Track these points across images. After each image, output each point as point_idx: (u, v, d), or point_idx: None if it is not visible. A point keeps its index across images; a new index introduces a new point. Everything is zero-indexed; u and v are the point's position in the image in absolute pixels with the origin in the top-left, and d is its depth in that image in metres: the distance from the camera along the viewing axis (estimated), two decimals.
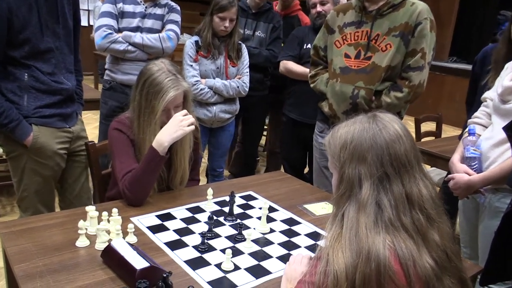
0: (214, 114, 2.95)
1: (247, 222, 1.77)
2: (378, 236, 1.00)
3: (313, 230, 1.75)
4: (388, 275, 0.97)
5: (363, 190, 1.03)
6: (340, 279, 0.98)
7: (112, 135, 1.89)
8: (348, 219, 1.03)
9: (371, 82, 2.22)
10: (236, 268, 1.44)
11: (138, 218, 1.72)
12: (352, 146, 1.06)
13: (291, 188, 2.17)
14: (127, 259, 1.33)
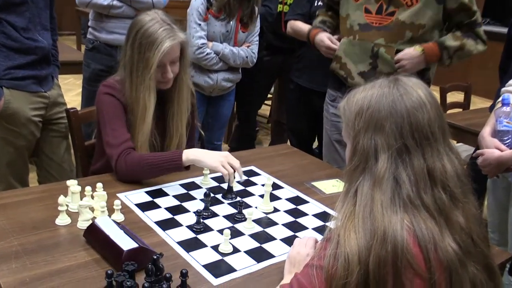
0: (216, 82, 2.93)
1: (248, 200, 1.76)
2: (395, 215, 0.99)
3: (322, 210, 1.75)
4: (406, 258, 0.96)
5: (379, 163, 1.02)
6: (351, 262, 0.97)
7: (102, 100, 1.87)
8: (362, 196, 1.02)
9: (393, 40, 2.19)
10: (235, 250, 1.45)
11: (126, 194, 1.71)
12: (368, 113, 1.05)
13: (298, 163, 2.16)
14: (113, 239, 1.33)
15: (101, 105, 1.87)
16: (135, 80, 1.81)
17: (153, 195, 1.73)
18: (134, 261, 1.23)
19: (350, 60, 2.31)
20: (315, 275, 1.03)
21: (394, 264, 0.96)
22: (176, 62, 1.86)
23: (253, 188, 1.87)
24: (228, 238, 1.44)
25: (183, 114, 1.93)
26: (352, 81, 2.31)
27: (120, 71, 1.90)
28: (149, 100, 1.81)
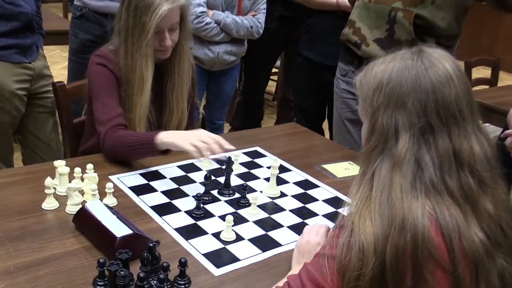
0: (216, 55, 2.91)
1: (252, 184, 1.76)
2: (416, 201, 0.98)
3: (333, 195, 1.74)
4: (427, 249, 0.96)
5: (399, 143, 1.01)
6: (366, 252, 0.97)
7: (94, 71, 1.86)
8: (380, 179, 1.01)
9: (412, 3, 2.16)
10: (238, 238, 1.45)
11: (119, 177, 1.71)
12: (389, 88, 1.03)
13: (307, 144, 2.16)
14: (105, 225, 1.33)
15: (92, 77, 1.86)
16: (130, 47, 1.80)
17: (148, 177, 1.73)
18: (128, 249, 1.23)
19: (364, 25, 2.28)
20: (326, 265, 1.02)
21: (413, 255, 0.96)
22: (175, 30, 1.84)
23: (258, 170, 1.87)
24: (231, 225, 1.44)
25: (184, 87, 1.92)
26: (366, 48, 2.28)
27: (114, 39, 1.88)
28: (146, 69, 1.80)
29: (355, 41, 2.32)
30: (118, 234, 1.30)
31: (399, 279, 0.97)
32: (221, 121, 3.31)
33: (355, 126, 2.56)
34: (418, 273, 0.97)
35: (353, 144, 2.55)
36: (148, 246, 1.23)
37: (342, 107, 2.57)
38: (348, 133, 2.58)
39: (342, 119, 2.58)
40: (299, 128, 2.36)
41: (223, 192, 1.68)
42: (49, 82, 2.27)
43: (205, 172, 1.79)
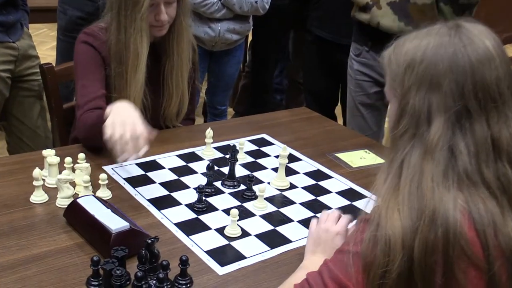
0: (218, 33, 2.89)
1: (259, 174, 1.76)
2: (448, 193, 0.97)
3: (347, 186, 1.74)
4: (459, 245, 0.95)
5: (432, 128, 1.00)
6: (393, 247, 0.96)
7: (78, 50, 1.86)
8: (409, 168, 1.00)
9: None
10: (244, 234, 1.45)
11: (113, 167, 1.71)
12: (422, 67, 1.01)
13: (319, 130, 2.15)
14: (99, 220, 1.33)
15: (76, 57, 1.87)
16: (123, 20, 1.79)
17: (145, 168, 1.73)
18: (125, 245, 1.23)
19: None
20: (351, 263, 1.02)
21: (444, 251, 0.95)
22: (172, 3, 1.83)
23: (265, 160, 1.86)
24: (236, 219, 1.44)
25: (184, 67, 1.92)
26: (377, 11, 2.26)
27: (106, 14, 1.87)
28: (141, 45, 1.79)
29: (367, 2, 2.30)
30: (113, 229, 1.30)
31: (428, 277, 0.97)
32: (224, 106, 3.31)
33: (369, 110, 2.55)
34: (449, 271, 0.96)
35: (368, 130, 2.55)
36: (146, 243, 1.23)
37: (355, 90, 2.56)
38: (362, 118, 2.57)
39: (355, 103, 2.57)
40: (311, 113, 2.35)
41: (227, 184, 1.68)
42: (35, 63, 2.27)
43: (207, 161, 1.79)
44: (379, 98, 2.53)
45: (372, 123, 2.58)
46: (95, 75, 1.82)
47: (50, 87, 2.07)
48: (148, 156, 1.79)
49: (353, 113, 2.62)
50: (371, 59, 2.44)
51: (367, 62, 2.46)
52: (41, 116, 2.36)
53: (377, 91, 2.49)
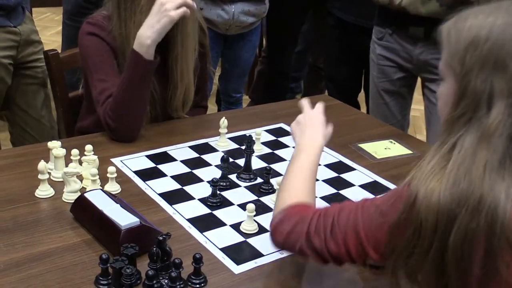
0: (232, 16, 2.88)
1: (277, 166, 1.76)
2: (501, 182, 0.97)
3: (371, 179, 1.74)
4: (506, 237, 0.95)
5: (492, 113, 0.98)
6: (424, 229, 0.97)
7: (85, 44, 1.87)
8: (461, 151, 0.99)
9: None
10: (261, 230, 1.45)
11: (122, 160, 1.72)
12: (487, 46, 1.00)
13: (341, 119, 2.14)
14: (108, 215, 1.34)
15: (85, 50, 1.87)
16: (123, 14, 1.80)
17: (156, 160, 1.74)
18: (135, 243, 1.23)
19: None
20: (379, 224, 1.06)
21: (487, 242, 0.95)
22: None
23: (283, 151, 1.86)
24: (253, 214, 1.44)
25: (189, 55, 1.91)
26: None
27: (107, 3, 1.88)
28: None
29: None
30: (122, 225, 1.30)
31: (464, 267, 0.97)
32: (239, 94, 3.30)
33: (394, 98, 2.54)
34: (491, 262, 0.96)
35: (392, 119, 2.54)
36: (157, 240, 1.23)
37: (378, 76, 2.55)
38: (386, 106, 2.56)
39: (378, 90, 2.56)
40: (332, 101, 2.34)
41: (243, 177, 1.68)
42: (38, 49, 2.28)
43: (222, 153, 1.79)
44: (403, 85, 2.52)
45: (396, 111, 2.57)
46: (110, 67, 1.83)
47: (55, 74, 2.08)
48: (159, 148, 1.80)
49: (376, 101, 2.60)
50: (394, 43, 2.42)
51: (391, 46, 2.44)
52: (45, 105, 2.37)
53: (401, 77, 2.48)
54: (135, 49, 1.75)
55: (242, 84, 3.32)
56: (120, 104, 1.77)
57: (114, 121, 1.78)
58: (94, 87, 1.84)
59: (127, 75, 1.76)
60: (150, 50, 1.75)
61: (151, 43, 1.74)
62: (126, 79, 1.76)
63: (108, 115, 1.78)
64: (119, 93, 1.77)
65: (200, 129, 1.95)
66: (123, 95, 1.76)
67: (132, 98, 1.77)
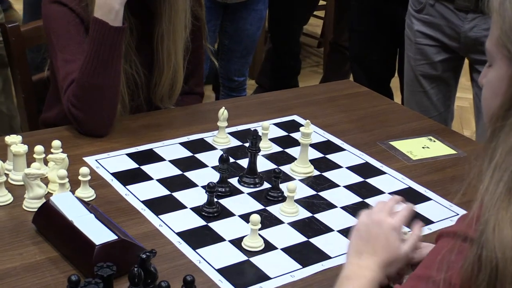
0: None
1: (288, 169, 1.77)
2: None
3: (405, 185, 1.74)
4: None
5: None
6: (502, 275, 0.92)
7: (48, 14, 1.88)
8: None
9: None
10: (268, 247, 1.46)
11: (98, 159, 1.73)
12: None
13: (369, 110, 2.15)
14: (79, 228, 1.34)
15: (48, 22, 1.88)
16: None
17: (140, 159, 1.74)
18: (112, 261, 1.23)
19: None
20: None
21: None
22: None
23: (297, 150, 1.86)
24: (257, 227, 1.44)
25: (178, 33, 1.92)
26: None
27: None
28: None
29: None
30: (97, 240, 1.31)
31: None
32: (242, 78, 3.31)
33: (435, 85, 2.54)
34: None
35: (432, 110, 2.54)
36: (139, 258, 1.23)
37: (416, 57, 2.55)
38: (425, 94, 2.56)
39: (416, 74, 2.56)
40: (358, 87, 2.35)
41: (246, 181, 1.69)
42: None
43: (220, 151, 1.80)
44: (447, 68, 2.51)
45: (438, 101, 2.57)
46: (78, 45, 1.83)
47: (15, 52, 2.09)
48: (143, 144, 1.80)
49: (413, 89, 2.60)
50: (437, 17, 2.42)
51: (432, 21, 2.44)
52: (4, 91, 2.38)
53: (445, 58, 2.48)
54: (98, 17, 1.74)
55: (246, 66, 3.32)
56: (85, 88, 1.77)
57: (79, 110, 1.78)
58: (58, 70, 1.85)
59: (91, 50, 1.76)
60: (119, 16, 1.76)
61: (119, 7, 1.74)
62: (90, 56, 1.76)
63: (72, 103, 1.78)
64: (83, 74, 1.76)
65: (193, 122, 1.96)
66: (88, 76, 1.76)
67: (100, 79, 1.77)
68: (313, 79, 4.44)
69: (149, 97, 1.99)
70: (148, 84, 1.96)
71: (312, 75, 4.54)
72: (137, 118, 1.96)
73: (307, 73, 4.47)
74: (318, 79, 4.36)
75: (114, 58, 1.78)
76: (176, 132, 1.88)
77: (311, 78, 4.45)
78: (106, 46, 1.76)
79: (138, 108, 1.99)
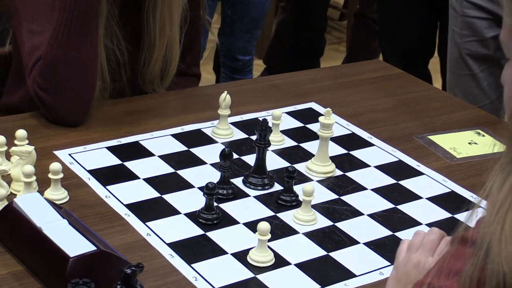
0: None
1: (304, 167, 1.77)
2: None
3: (448, 189, 1.75)
4: None
5: None
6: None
7: None
8: None
9: None
10: (279, 262, 1.46)
11: (72, 153, 1.74)
12: None
13: (403, 97, 2.16)
14: (49, 237, 1.35)
15: None
16: None
17: (123, 154, 1.75)
18: (89, 277, 1.24)
19: None
20: None
21: None
22: None
23: (314, 144, 1.86)
24: (267, 238, 1.45)
25: (174, 2, 1.93)
26: None
27: None
28: None
29: None
30: (71, 251, 1.31)
31: None
32: (248, 56, 3.31)
33: (486, 67, 2.54)
34: None
35: (483, 98, 2.54)
36: (123, 273, 1.24)
37: (463, 33, 2.55)
38: (473, 78, 2.57)
39: (462, 54, 2.56)
40: (388, 69, 2.35)
41: (253, 182, 1.70)
42: None
43: (222, 145, 1.80)
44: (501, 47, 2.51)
45: (488, 87, 2.57)
46: (48, 14, 1.83)
47: None
48: (127, 136, 1.81)
49: (458, 71, 2.60)
50: None
51: None
52: None
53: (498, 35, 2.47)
54: None
55: (253, 42, 3.33)
56: (54, 64, 1.77)
57: (47, 93, 1.79)
58: (22, 44, 1.85)
59: (62, 18, 1.76)
60: None
61: None
62: (60, 25, 1.76)
63: (39, 84, 1.79)
64: (52, 48, 1.77)
65: (189, 109, 1.97)
66: (57, 50, 1.77)
67: (72, 53, 1.78)
68: (334, 59, 4.45)
69: (134, 79, 1.99)
70: (132, 63, 1.97)
71: (333, 55, 4.55)
72: (120, 103, 1.97)
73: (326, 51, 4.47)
74: (340, 59, 4.37)
75: (90, 28, 1.79)
76: (167, 121, 1.89)
77: (331, 58, 4.46)
78: (80, 13, 1.76)
79: (120, 91, 2.00)
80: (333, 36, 4.90)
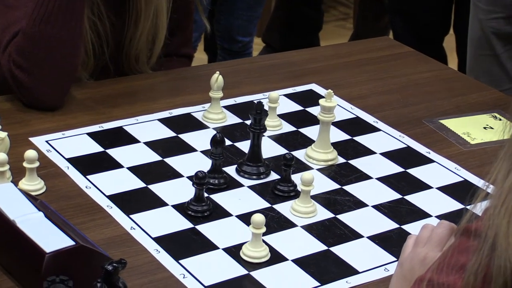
0: None
1: (303, 154, 1.78)
2: None
3: (461, 178, 1.75)
4: None
5: None
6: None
7: None
8: None
9: None
10: (275, 258, 1.47)
11: (49, 139, 1.75)
12: None
13: (414, 77, 2.16)
14: (24, 231, 1.35)
15: None
16: None
17: (105, 141, 1.76)
18: (67, 274, 1.25)
19: None
20: None
21: None
22: None
23: (314, 129, 1.87)
24: (261, 231, 1.45)
25: None
26: None
27: None
28: None
29: None
30: (47, 247, 1.31)
31: None
32: (248, 38, 3.31)
33: (510, 47, 2.53)
34: None
35: (505, 81, 2.54)
36: (104, 270, 1.25)
37: (486, 8, 2.54)
38: (496, 60, 2.56)
39: (485, 32, 2.56)
40: (398, 47, 2.36)
41: (247, 170, 1.70)
42: None
43: (213, 131, 1.81)
44: None
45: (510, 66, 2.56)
46: None
47: None
48: (109, 121, 1.82)
49: (480, 51, 2.60)
50: None
51: None
52: None
53: None
54: None
55: (254, 20, 3.32)
56: (35, 41, 1.78)
57: (25, 73, 1.80)
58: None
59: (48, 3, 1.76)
60: None
61: None
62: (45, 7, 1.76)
63: (15, 62, 1.79)
64: (34, 22, 1.77)
65: (178, 91, 1.98)
66: (40, 25, 1.77)
67: (56, 29, 1.78)
68: (340, 36, 4.43)
69: (118, 55, 2.00)
70: (116, 35, 1.98)
71: (338, 32, 4.54)
72: (102, 85, 1.98)
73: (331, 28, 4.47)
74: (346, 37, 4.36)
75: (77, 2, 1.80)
76: (154, 104, 1.90)
77: (337, 36, 4.45)
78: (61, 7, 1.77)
79: (102, 71, 2.00)
80: (339, 11, 4.89)
